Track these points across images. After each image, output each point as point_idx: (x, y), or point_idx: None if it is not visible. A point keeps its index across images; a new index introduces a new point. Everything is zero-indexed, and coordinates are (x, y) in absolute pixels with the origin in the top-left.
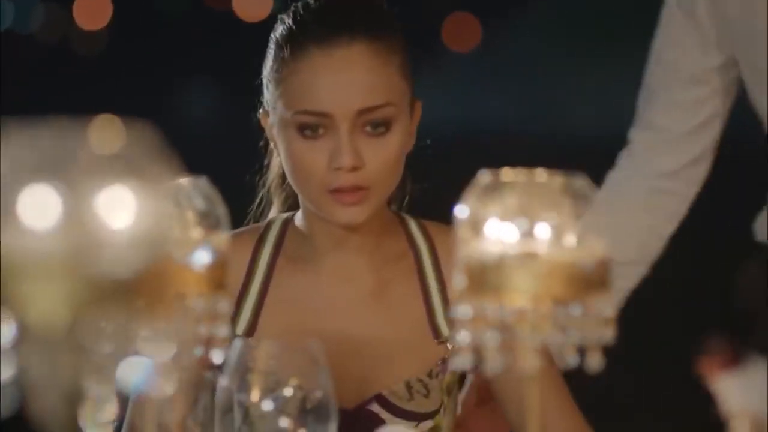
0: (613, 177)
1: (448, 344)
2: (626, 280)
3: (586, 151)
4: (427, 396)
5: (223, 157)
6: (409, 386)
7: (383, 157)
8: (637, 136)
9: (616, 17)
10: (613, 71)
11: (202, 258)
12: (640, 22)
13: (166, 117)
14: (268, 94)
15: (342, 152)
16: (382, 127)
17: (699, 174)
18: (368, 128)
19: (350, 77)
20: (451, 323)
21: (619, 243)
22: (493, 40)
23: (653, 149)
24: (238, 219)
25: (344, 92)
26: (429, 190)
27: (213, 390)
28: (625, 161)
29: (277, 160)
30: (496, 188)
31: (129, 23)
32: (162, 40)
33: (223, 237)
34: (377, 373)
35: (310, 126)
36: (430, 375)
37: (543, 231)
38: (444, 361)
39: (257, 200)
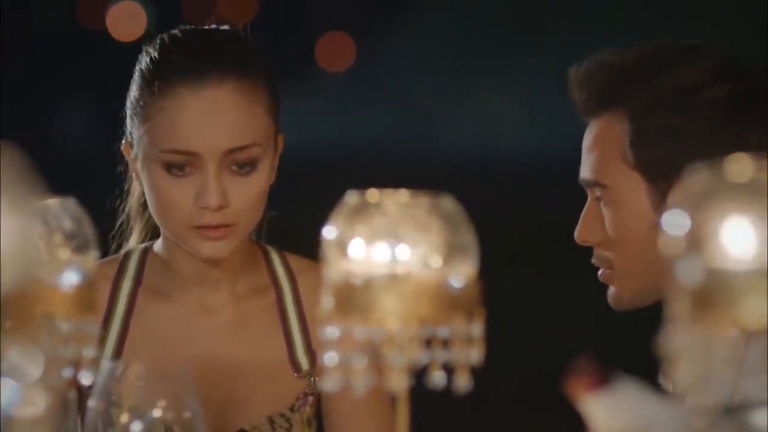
0: None
1: (309, 378)
2: None
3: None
4: (289, 430)
5: (95, 177)
6: (272, 421)
7: (249, 195)
8: None
9: (491, 39)
10: (486, 93)
11: (69, 279)
12: (515, 44)
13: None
14: (133, 127)
15: (209, 192)
16: (248, 166)
17: None
18: (234, 167)
19: (219, 117)
20: (314, 353)
21: None
22: (367, 59)
23: None
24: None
25: (212, 132)
26: (300, 210)
27: (81, 412)
28: None
29: (138, 187)
30: (363, 209)
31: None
32: (37, 59)
33: (92, 258)
34: (238, 407)
35: (176, 164)
36: (292, 409)
37: (410, 252)
38: (306, 395)
39: (117, 227)
